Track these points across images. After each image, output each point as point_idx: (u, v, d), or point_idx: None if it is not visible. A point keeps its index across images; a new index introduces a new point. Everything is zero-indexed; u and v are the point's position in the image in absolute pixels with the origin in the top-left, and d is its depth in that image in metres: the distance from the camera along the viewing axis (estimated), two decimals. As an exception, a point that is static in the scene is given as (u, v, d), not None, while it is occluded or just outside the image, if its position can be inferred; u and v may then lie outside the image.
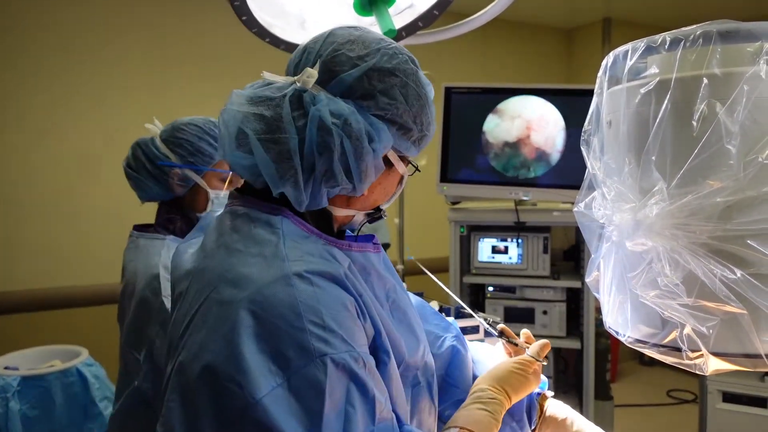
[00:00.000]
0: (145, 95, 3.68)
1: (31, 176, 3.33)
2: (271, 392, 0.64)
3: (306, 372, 0.66)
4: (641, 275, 0.79)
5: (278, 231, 0.77)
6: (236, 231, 0.79)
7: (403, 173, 0.89)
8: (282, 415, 0.64)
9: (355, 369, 0.69)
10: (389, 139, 0.80)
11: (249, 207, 0.81)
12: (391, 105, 0.79)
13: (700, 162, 0.73)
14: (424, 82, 0.85)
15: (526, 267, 2.81)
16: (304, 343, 0.67)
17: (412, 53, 0.88)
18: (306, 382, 0.66)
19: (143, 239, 1.39)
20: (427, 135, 0.86)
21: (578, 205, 0.89)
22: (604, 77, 0.86)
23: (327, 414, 0.65)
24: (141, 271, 1.31)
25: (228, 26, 1.98)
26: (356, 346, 0.71)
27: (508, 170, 2.70)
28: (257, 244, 0.76)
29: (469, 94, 2.78)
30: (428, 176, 2.89)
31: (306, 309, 0.69)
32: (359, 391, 0.70)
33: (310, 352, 0.67)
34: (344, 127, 0.76)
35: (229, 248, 0.77)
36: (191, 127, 1.41)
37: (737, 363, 0.77)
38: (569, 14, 5.08)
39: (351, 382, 0.69)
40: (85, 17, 3.53)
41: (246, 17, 1.27)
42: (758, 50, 0.72)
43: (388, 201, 0.92)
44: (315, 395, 0.65)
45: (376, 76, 0.79)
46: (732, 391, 2.76)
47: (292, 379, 0.65)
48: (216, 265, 0.77)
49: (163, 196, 1.42)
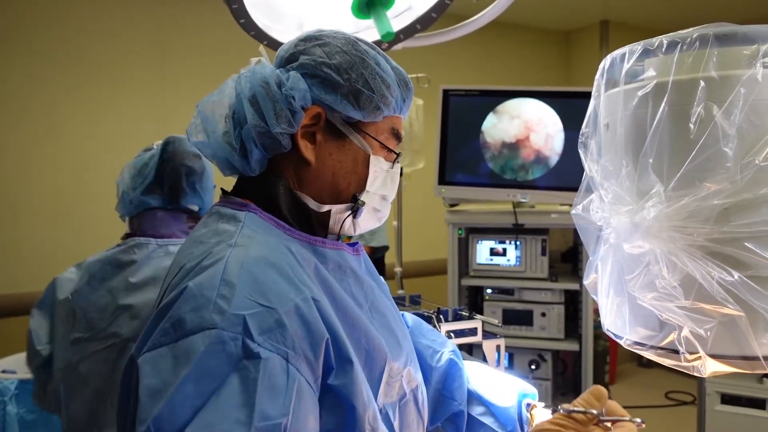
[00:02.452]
0: (143, 97, 3.69)
1: (30, 179, 3.33)
2: (154, 351, 0.65)
3: (191, 340, 0.64)
4: (639, 277, 0.79)
5: (239, 224, 0.81)
6: (206, 227, 0.84)
7: (364, 149, 0.87)
8: (149, 373, 0.64)
9: (243, 360, 0.64)
10: (301, 84, 0.83)
11: (222, 205, 0.86)
12: (310, 59, 0.84)
13: (698, 164, 0.73)
14: (354, 46, 0.86)
15: (525, 269, 2.81)
16: (203, 313, 0.66)
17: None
18: (185, 348, 0.64)
19: (173, 246, 1.43)
20: (361, 91, 0.84)
21: (576, 207, 0.89)
22: (602, 80, 0.86)
23: (183, 385, 0.62)
24: None
25: (226, 29, 1.98)
26: (263, 338, 0.66)
27: (506, 172, 2.71)
28: (218, 234, 0.80)
29: (467, 96, 2.79)
30: (426, 179, 2.90)
31: (223, 283, 0.69)
32: (239, 386, 0.63)
33: (203, 321, 0.65)
34: (252, 77, 0.83)
35: (195, 242, 0.81)
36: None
37: (735, 365, 0.77)
38: (567, 17, 5.10)
39: (234, 372, 0.63)
40: (85, 19, 3.53)
41: (244, 20, 1.27)
42: (755, 53, 0.73)
43: (365, 188, 0.88)
44: (185, 363, 0.63)
45: (301, 43, 0.86)
46: (730, 393, 2.76)
47: (177, 344, 0.65)
48: (180, 258, 0.81)
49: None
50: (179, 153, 1.41)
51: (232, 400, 0.61)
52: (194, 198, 1.42)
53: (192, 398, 0.61)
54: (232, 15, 1.26)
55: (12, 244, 3.33)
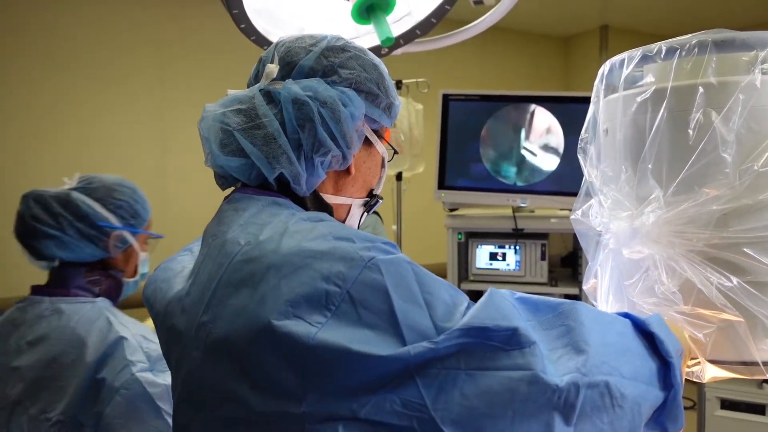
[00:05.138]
0: (142, 101, 3.69)
1: (27, 184, 3.33)
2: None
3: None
4: (638, 283, 0.79)
5: (288, 206, 0.78)
6: (244, 210, 0.78)
7: (382, 153, 0.91)
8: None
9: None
10: (360, 102, 0.82)
11: (251, 193, 0.81)
12: (353, 74, 0.82)
13: (697, 170, 0.73)
14: (374, 57, 0.88)
15: (524, 274, 2.80)
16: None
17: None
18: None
19: (65, 304, 1.29)
20: (393, 103, 0.88)
21: (575, 212, 0.90)
22: (601, 85, 0.87)
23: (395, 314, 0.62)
24: (93, 342, 1.20)
25: (226, 33, 1.98)
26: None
27: (505, 177, 2.71)
28: (272, 215, 0.75)
29: (467, 101, 2.79)
30: (426, 183, 2.90)
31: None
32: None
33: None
34: (317, 97, 0.78)
35: (240, 224, 0.76)
36: (124, 189, 1.38)
37: (734, 370, 0.77)
38: (566, 22, 5.11)
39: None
40: (84, 23, 3.54)
41: (244, 25, 1.28)
42: (753, 59, 0.73)
43: (377, 187, 0.93)
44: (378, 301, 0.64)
45: (331, 54, 0.83)
46: (730, 398, 2.75)
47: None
48: (231, 236, 0.74)
49: (92, 257, 1.34)
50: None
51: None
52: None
53: None
54: (232, 20, 1.26)
55: (8, 248, 3.33)
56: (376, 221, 2.99)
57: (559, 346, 0.67)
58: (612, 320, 0.73)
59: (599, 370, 0.65)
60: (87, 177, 1.41)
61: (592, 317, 0.69)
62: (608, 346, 0.68)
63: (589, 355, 0.65)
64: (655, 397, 0.71)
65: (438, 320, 0.62)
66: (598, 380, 0.64)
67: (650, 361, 0.71)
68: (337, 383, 0.61)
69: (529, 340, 0.63)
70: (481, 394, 0.61)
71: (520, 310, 0.67)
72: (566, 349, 0.66)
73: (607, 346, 0.68)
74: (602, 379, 0.65)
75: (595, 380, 0.64)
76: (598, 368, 0.65)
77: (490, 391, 0.61)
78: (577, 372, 0.63)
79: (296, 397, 0.61)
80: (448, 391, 0.61)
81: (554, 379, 0.61)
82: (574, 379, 0.63)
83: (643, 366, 0.71)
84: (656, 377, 0.71)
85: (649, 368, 0.71)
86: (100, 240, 1.33)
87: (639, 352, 0.71)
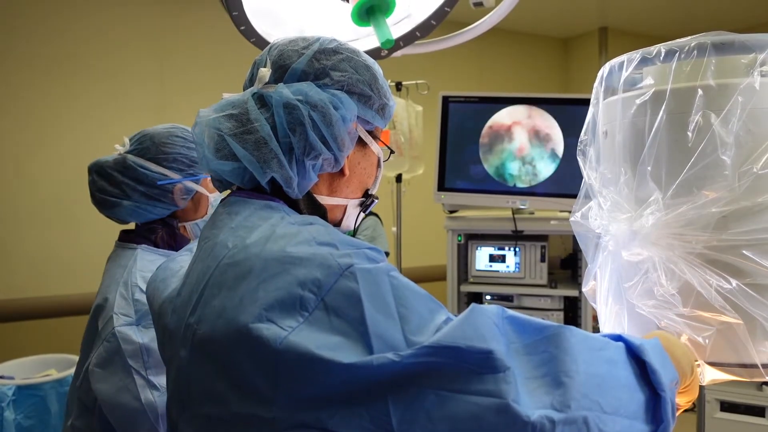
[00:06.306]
0: (143, 103, 3.69)
1: (27, 185, 3.33)
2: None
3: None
4: (637, 285, 0.79)
5: (280, 209, 0.78)
6: (236, 214, 0.79)
7: (378, 153, 0.91)
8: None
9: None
10: (352, 105, 0.82)
11: (245, 197, 0.82)
12: (344, 76, 0.83)
13: (696, 172, 0.73)
14: (368, 58, 0.88)
15: (524, 275, 2.80)
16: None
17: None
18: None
19: (119, 249, 1.35)
20: (387, 104, 0.88)
21: (575, 214, 0.90)
22: (600, 88, 0.87)
23: (371, 316, 0.62)
24: (111, 285, 1.25)
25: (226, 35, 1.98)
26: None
27: (505, 179, 2.71)
28: (262, 219, 0.76)
29: (467, 103, 2.79)
30: (426, 185, 2.90)
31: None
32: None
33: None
34: (307, 100, 0.79)
35: (231, 227, 0.77)
36: (175, 138, 1.37)
37: (733, 373, 0.77)
38: (566, 24, 5.12)
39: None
40: (84, 27, 3.54)
41: (244, 27, 1.28)
42: (752, 62, 0.73)
43: (373, 187, 0.93)
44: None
45: (323, 57, 0.83)
46: (730, 401, 2.75)
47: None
48: (221, 239, 0.76)
49: (163, 214, 1.37)
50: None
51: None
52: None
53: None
54: (232, 22, 1.26)
55: (9, 250, 3.33)
56: (375, 223, 2.99)
57: (538, 375, 0.64)
58: (602, 346, 0.70)
59: (579, 405, 0.62)
60: (137, 136, 1.41)
61: (579, 344, 0.66)
62: (592, 377, 0.65)
63: (567, 388, 0.62)
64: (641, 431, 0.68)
65: (409, 333, 0.61)
66: (576, 416, 0.62)
67: (639, 393, 0.69)
68: (305, 389, 0.61)
69: (503, 365, 0.60)
70: (446, 418, 0.59)
71: (505, 331, 0.65)
72: (545, 380, 0.63)
73: (591, 377, 0.65)
74: (581, 414, 0.62)
75: (572, 416, 0.61)
76: (577, 402, 0.62)
77: (456, 416, 0.59)
78: (551, 408, 0.61)
79: (267, 401, 0.62)
80: (415, 410, 0.59)
81: (526, 411, 0.59)
82: (549, 415, 0.60)
83: (631, 399, 0.68)
84: (644, 410, 0.69)
85: (637, 401, 0.68)
86: (165, 197, 1.35)
87: (628, 382, 0.69)
